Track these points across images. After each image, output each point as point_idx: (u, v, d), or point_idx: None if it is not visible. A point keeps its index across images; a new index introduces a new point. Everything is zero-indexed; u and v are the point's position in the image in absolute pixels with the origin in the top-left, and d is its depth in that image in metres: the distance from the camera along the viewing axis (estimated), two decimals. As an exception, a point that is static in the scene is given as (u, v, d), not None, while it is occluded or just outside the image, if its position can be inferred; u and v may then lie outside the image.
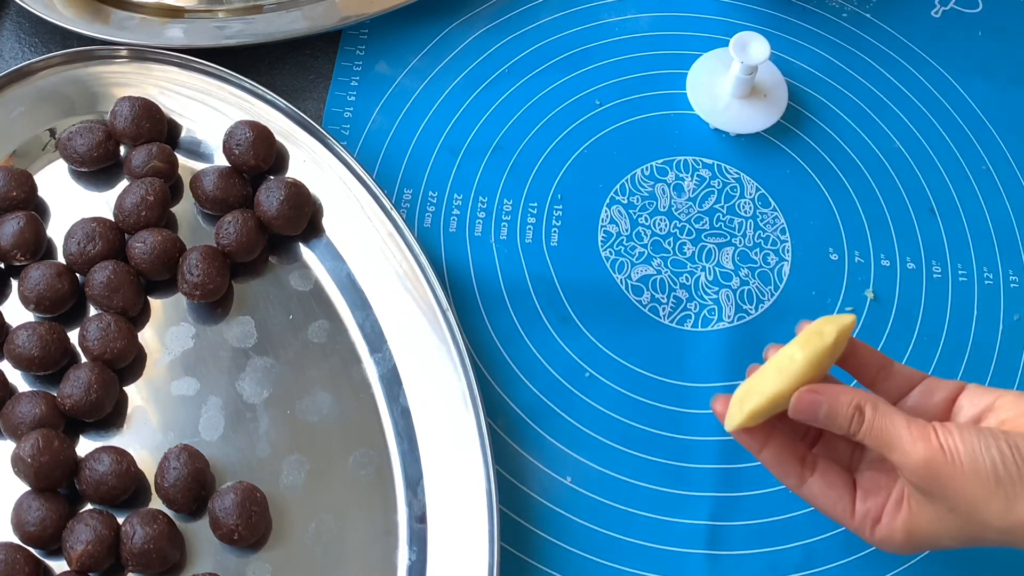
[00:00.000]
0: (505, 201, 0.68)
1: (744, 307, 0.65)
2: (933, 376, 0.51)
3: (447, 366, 0.60)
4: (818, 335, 0.48)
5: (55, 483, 0.55)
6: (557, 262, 0.66)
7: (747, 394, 0.49)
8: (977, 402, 0.49)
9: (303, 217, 0.63)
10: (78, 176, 0.66)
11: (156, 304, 0.63)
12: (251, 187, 0.64)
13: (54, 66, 0.67)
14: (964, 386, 0.50)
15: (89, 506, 0.56)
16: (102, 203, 0.65)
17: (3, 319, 0.60)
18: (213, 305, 0.62)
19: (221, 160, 0.65)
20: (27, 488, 0.55)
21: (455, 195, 0.68)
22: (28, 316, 0.61)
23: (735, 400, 0.50)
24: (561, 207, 0.68)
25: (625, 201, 0.69)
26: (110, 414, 0.59)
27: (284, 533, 0.57)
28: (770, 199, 0.69)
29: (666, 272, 0.66)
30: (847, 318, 0.48)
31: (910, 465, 0.45)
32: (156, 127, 0.65)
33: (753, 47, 0.67)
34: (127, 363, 0.60)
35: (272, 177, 0.64)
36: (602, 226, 0.68)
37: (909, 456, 0.45)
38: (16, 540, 0.54)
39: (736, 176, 0.70)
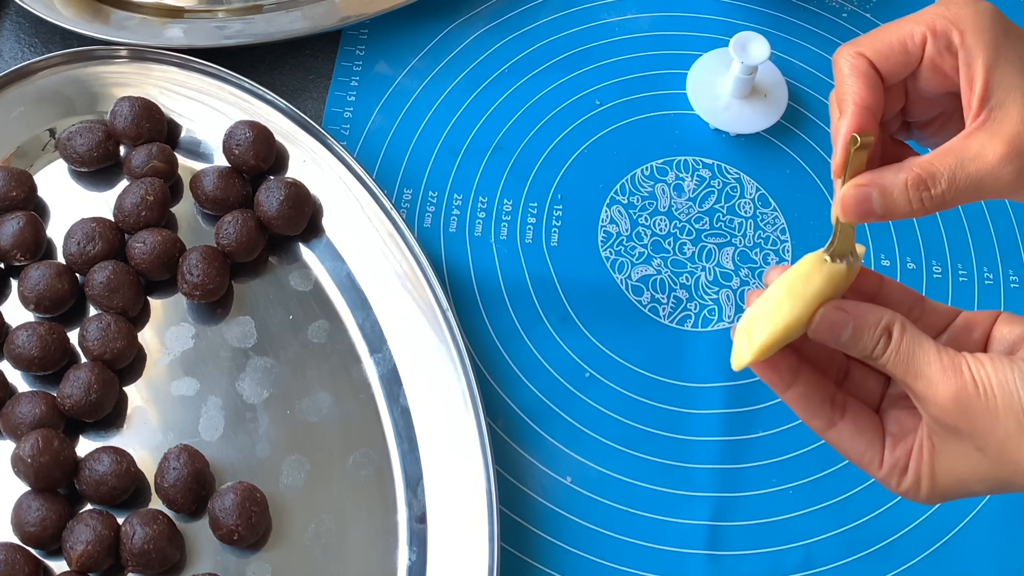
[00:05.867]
0: (505, 201, 0.68)
1: (744, 307, 0.65)
2: (968, 311, 0.45)
3: (447, 366, 0.60)
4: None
5: (55, 483, 0.55)
6: (557, 262, 0.66)
7: (754, 324, 0.42)
8: (1008, 332, 0.43)
9: (303, 217, 0.63)
10: (78, 176, 0.66)
11: (156, 304, 0.63)
12: (251, 187, 0.64)
13: (54, 66, 0.68)
14: (999, 316, 0.44)
15: (89, 506, 0.56)
16: (102, 203, 0.65)
17: (3, 319, 0.60)
18: (213, 305, 0.62)
19: (221, 160, 0.65)
20: (27, 488, 0.55)
21: (455, 195, 0.68)
22: (28, 316, 0.61)
23: (740, 333, 0.43)
24: (561, 207, 0.68)
25: (625, 201, 0.69)
26: (110, 414, 0.59)
27: (284, 533, 0.57)
28: (770, 199, 0.69)
29: (666, 272, 0.66)
30: (858, 247, 0.43)
31: (936, 398, 0.40)
32: (156, 127, 0.65)
33: (753, 47, 0.67)
34: (127, 363, 0.60)
35: (272, 177, 0.64)
36: (602, 226, 0.68)
37: (936, 388, 0.40)
38: (16, 540, 0.54)
39: (736, 176, 0.70)
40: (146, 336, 0.62)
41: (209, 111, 0.67)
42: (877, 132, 0.43)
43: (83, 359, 0.60)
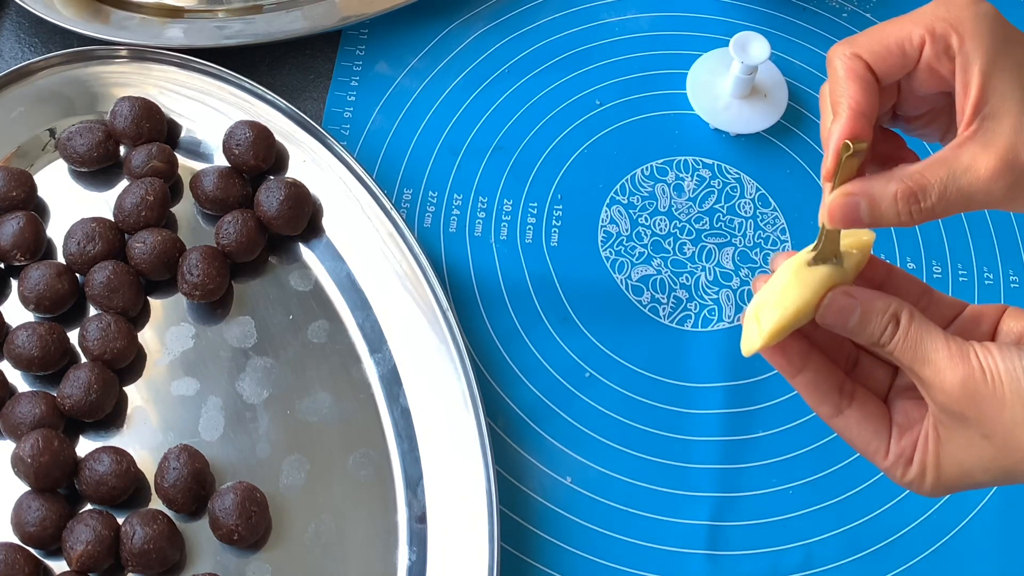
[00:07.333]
0: (505, 201, 0.68)
1: (744, 307, 0.65)
2: (975, 304, 0.45)
3: (447, 366, 0.60)
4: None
5: (55, 483, 0.55)
6: (557, 262, 0.66)
7: (763, 309, 0.42)
8: (1015, 326, 0.43)
9: (303, 217, 0.63)
10: (78, 176, 0.66)
11: (156, 304, 0.63)
12: (251, 187, 0.64)
13: (54, 66, 0.68)
14: (1006, 309, 0.44)
15: (89, 506, 0.56)
16: (102, 203, 0.65)
17: (3, 319, 0.60)
18: (213, 305, 0.62)
19: (221, 160, 0.65)
20: (27, 488, 0.55)
21: (455, 195, 0.68)
22: (28, 316, 0.61)
23: (749, 318, 0.43)
24: (561, 207, 0.68)
25: (625, 201, 0.69)
26: (110, 414, 0.59)
27: (284, 533, 0.57)
28: (770, 199, 0.69)
29: (666, 272, 0.66)
30: (867, 232, 0.43)
31: (944, 385, 0.40)
32: (156, 127, 0.65)
33: (753, 47, 0.67)
34: (127, 363, 0.60)
35: (272, 177, 0.64)
36: (602, 226, 0.68)
37: (944, 375, 0.40)
38: (16, 540, 0.54)
39: (736, 176, 0.70)
40: (146, 336, 0.62)
41: (209, 111, 0.67)
42: (871, 137, 0.42)
43: (83, 359, 0.60)
